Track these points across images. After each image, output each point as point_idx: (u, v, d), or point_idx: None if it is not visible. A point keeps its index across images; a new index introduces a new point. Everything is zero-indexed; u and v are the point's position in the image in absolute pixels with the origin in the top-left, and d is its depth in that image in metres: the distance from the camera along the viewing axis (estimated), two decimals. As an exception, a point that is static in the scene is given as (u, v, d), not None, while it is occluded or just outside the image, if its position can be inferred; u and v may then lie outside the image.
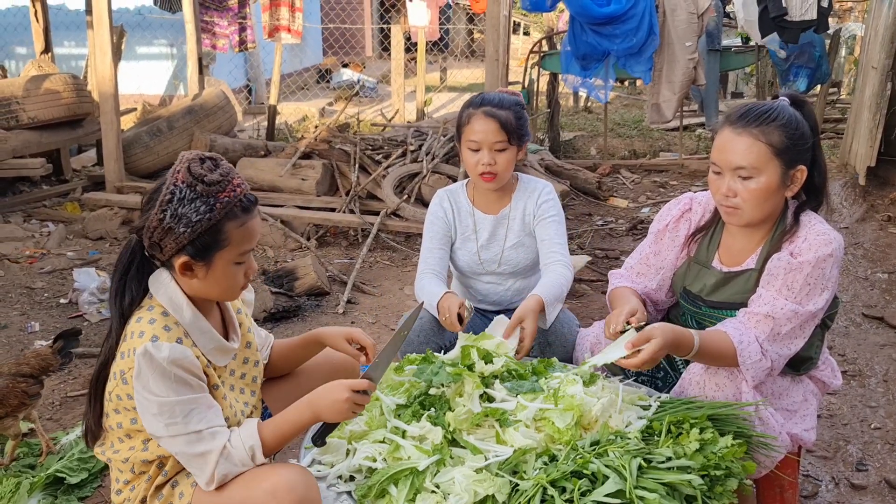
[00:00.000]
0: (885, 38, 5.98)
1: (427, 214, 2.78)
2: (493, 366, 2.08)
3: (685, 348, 1.97)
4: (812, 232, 2.04)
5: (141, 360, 1.66)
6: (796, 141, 2.00)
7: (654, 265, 2.36)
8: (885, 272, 4.84)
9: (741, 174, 2.02)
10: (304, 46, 12.84)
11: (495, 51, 5.30)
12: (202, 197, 1.68)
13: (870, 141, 6.00)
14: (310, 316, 4.26)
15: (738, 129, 2.02)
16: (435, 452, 1.82)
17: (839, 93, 10.73)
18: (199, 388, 1.72)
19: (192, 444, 1.68)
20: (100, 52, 5.90)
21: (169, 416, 1.67)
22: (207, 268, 1.74)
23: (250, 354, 1.99)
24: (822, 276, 2.01)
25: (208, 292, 1.79)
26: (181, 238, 1.69)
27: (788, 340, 2.03)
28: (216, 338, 1.81)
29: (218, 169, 1.72)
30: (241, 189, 1.74)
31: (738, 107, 2.10)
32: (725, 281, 2.19)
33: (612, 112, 10.67)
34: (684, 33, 6.01)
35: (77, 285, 4.39)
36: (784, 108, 2.04)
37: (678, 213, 2.33)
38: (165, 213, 1.68)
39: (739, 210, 2.06)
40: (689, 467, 1.75)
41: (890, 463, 2.83)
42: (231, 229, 1.72)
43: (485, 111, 2.56)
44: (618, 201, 6.58)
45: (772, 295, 2.02)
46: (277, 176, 5.86)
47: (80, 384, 3.41)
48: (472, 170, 2.61)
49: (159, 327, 1.71)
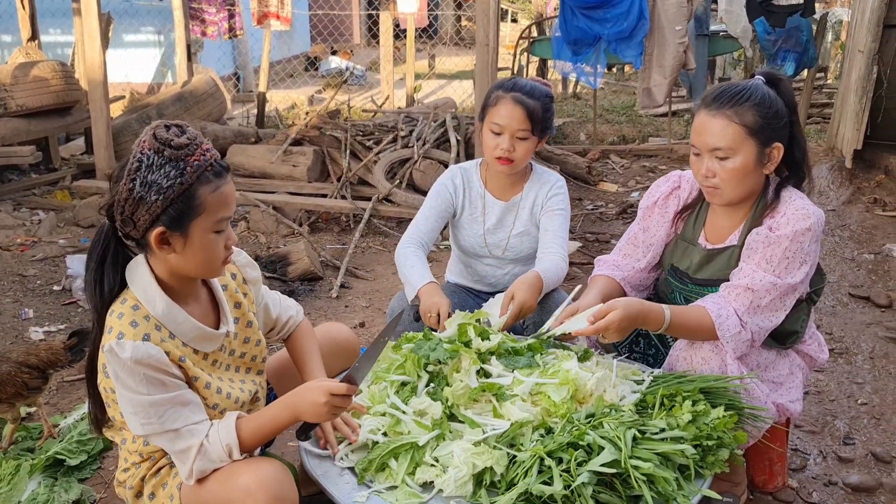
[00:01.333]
0: (872, 21, 6.03)
1: (435, 184, 2.77)
2: (489, 342, 2.11)
3: (654, 322, 2.04)
4: (791, 207, 2.08)
5: (108, 357, 1.66)
6: (770, 119, 2.04)
7: (643, 242, 2.40)
8: (871, 253, 4.92)
9: (718, 155, 2.06)
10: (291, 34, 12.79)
11: (485, 36, 5.30)
12: (171, 161, 1.62)
13: (856, 124, 6.06)
14: (304, 300, 4.28)
15: (712, 111, 2.06)
16: (434, 427, 1.85)
17: (826, 77, 10.80)
18: (172, 385, 1.69)
19: (172, 442, 1.70)
20: (88, 39, 5.86)
21: (144, 415, 1.66)
22: (185, 239, 1.67)
23: (251, 334, 1.96)
24: (800, 249, 2.05)
25: (188, 268, 1.73)
26: (153, 207, 1.63)
27: (769, 313, 2.08)
28: (196, 326, 1.77)
29: (185, 134, 1.66)
30: (210, 154, 1.68)
31: (714, 88, 2.14)
32: (710, 258, 2.24)
33: (601, 98, 10.70)
34: (674, 17, 6.04)
35: (70, 272, 4.39)
36: (758, 86, 2.07)
37: (667, 191, 2.37)
38: (135, 182, 1.62)
39: (719, 190, 2.11)
40: (682, 438, 1.80)
41: (876, 436, 2.90)
42: (205, 194, 1.66)
43: (514, 97, 2.54)
44: (607, 186, 6.63)
45: (751, 268, 2.07)
46: (269, 162, 5.87)
47: (76, 369, 3.42)
48: (490, 152, 2.60)
49: (126, 323, 1.67)
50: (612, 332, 1.98)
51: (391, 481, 1.77)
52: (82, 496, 2.53)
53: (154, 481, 1.82)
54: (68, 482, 2.59)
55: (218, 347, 1.86)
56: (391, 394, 2.00)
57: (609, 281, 2.42)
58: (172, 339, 1.73)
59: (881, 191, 6.02)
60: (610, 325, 1.97)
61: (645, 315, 2.02)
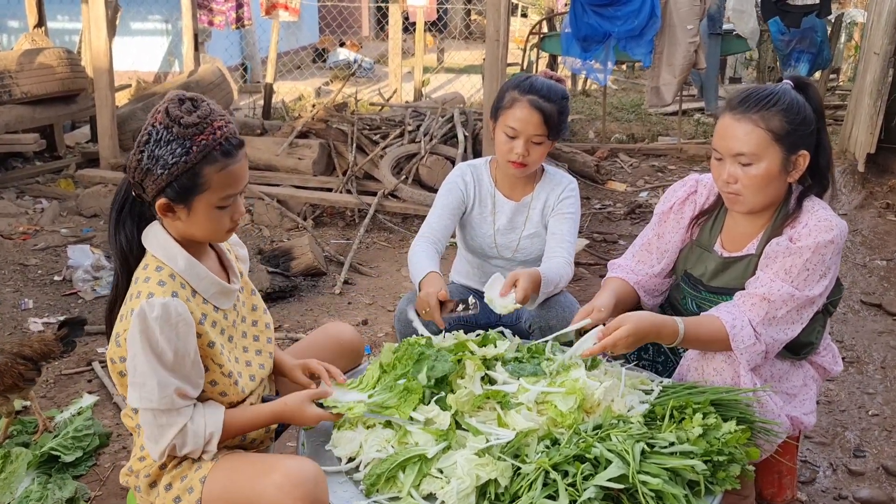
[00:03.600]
0: (889, 23, 5.94)
1: (445, 181, 2.70)
2: (494, 349, 2.05)
3: (668, 336, 1.98)
4: (814, 217, 2.02)
5: (135, 320, 1.65)
6: (797, 126, 1.97)
7: (658, 248, 2.34)
8: (884, 259, 4.84)
9: (741, 160, 2.00)
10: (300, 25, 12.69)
11: (496, 31, 5.23)
12: (178, 139, 1.65)
13: (870, 128, 5.97)
14: (306, 296, 4.23)
15: (737, 115, 1.99)
16: (442, 438, 1.80)
17: (838, 79, 10.69)
18: (191, 350, 1.69)
19: (158, 416, 1.69)
20: (94, 26, 5.81)
21: (149, 385, 1.66)
22: (188, 211, 1.71)
23: (256, 301, 2.02)
24: (821, 261, 1.98)
25: (193, 233, 1.77)
26: (159, 180, 1.67)
27: (785, 325, 2.01)
28: (216, 280, 1.81)
29: (197, 110, 1.67)
30: (221, 132, 1.68)
31: (740, 91, 2.06)
32: (725, 266, 2.18)
33: (611, 96, 10.61)
34: (686, 16, 5.95)
35: (71, 262, 4.35)
36: (786, 91, 2.01)
37: (683, 195, 2.30)
38: (143, 154, 1.67)
39: (741, 196, 2.04)
40: (693, 453, 1.74)
41: (887, 449, 2.84)
42: (210, 173, 1.68)
43: (531, 100, 2.45)
44: (616, 185, 6.55)
45: (769, 277, 2.01)
46: (274, 155, 5.81)
47: (74, 362, 3.38)
48: (504, 155, 2.53)
49: (154, 283, 1.70)
50: (621, 349, 1.93)
51: (395, 492, 1.72)
52: (76, 494, 2.48)
53: (175, 472, 1.79)
54: (62, 479, 2.55)
55: (232, 306, 1.88)
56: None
57: (623, 283, 2.35)
58: (195, 297, 1.76)
59: (894, 196, 5.94)
60: (618, 342, 1.91)
61: (658, 330, 1.96)
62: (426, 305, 2.27)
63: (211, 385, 1.81)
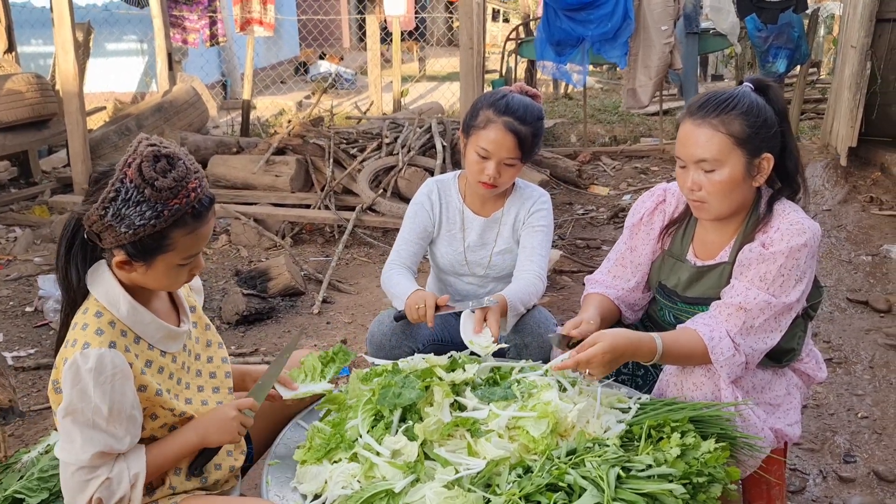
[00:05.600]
0: (864, 16, 5.92)
1: (411, 203, 2.64)
2: (463, 373, 1.98)
3: (645, 354, 1.91)
4: (785, 221, 1.96)
5: (67, 372, 1.57)
6: (759, 129, 1.92)
7: (632, 262, 2.27)
8: (869, 254, 4.79)
9: (704, 167, 1.94)
10: (280, 39, 12.65)
11: (469, 38, 5.17)
12: (149, 201, 1.55)
13: (850, 121, 5.95)
14: (284, 317, 4.15)
15: (697, 121, 1.94)
16: (409, 470, 1.72)
17: (819, 73, 10.68)
18: (125, 404, 1.60)
19: (76, 473, 1.60)
20: (62, 50, 5.72)
21: (66, 440, 1.59)
22: (147, 267, 1.64)
23: (211, 336, 1.94)
24: (796, 266, 1.93)
25: (147, 284, 1.69)
26: (121, 237, 1.58)
27: (763, 334, 1.96)
28: (161, 325, 1.72)
29: (172, 171, 1.57)
30: (195, 194, 1.60)
31: (699, 96, 2.01)
32: (699, 275, 2.12)
33: (593, 98, 10.57)
34: (660, 17, 5.91)
35: (42, 293, 4.25)
36: (745, 94, 1.96)
37: (652, 206, 2.24)
38: (107, 211, 1.56)
39: (706, 204, 1.99)
40: (671, 475, 1.66)
41: (878, 453, 2.77)
42: (178, 236, 1.61)
43: (506, 122, 2.36)
44: (599, 189, 6.50)
45: (744, 285, 1.95)
46: (251, 173, 5.72)
47: (43, 397, 3.29)
48: (474, 175, 2.45)
49: (91, 332, 1.61)
50: (597, 366, 1.85)
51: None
52: (41, 539, 2.38)
53: None
54: (27, 523, 2.45)
55: (181, 348, 1.80)
56: (363, 433, 1.86)
57: (604, 298, 2.28)
58: (137, 344, 1.68)
59: (877, 189, 5.90)
60: (592, 359, 1.84)
61: (636, 348, 1.89)
62: (420, 303, 2.25)
63: (162, 429, 1.74)
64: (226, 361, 1.95)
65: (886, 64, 6.17)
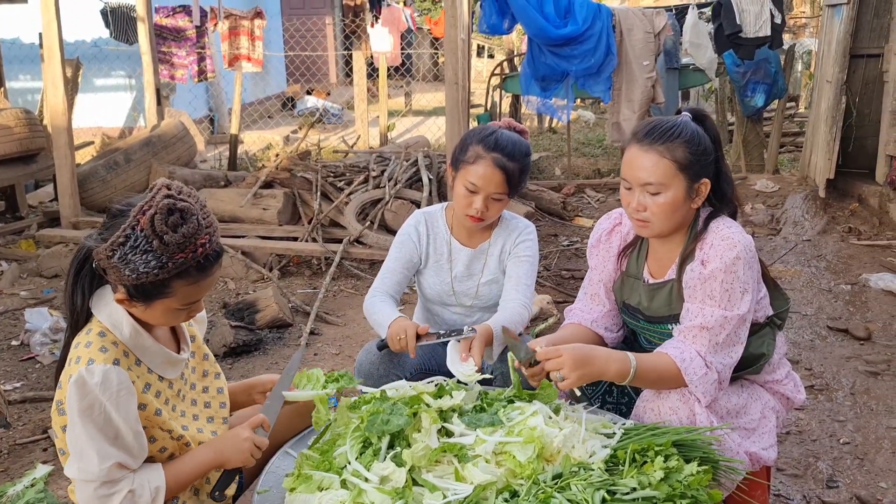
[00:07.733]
0: (838, 52, 6.09)
1: (399, 233, 2.68)
2: (451, 399, 2.01)
3: (617, 369, 1.97)
4: (718, 237, 2.07)
5: (73, 388, 1.60)
6: (699, 156, 2.05)
7: (602, 283, 2.36)
8: (848, 283, 4.87)
9: (649, 189, 2.06)
10: (267, 74, 12.76)
11: (454, 74, 5.27)
12: (155, 252, 1.59)
13: (828, 154, 6.09)
14: (272, 349, 4.16)
15: (644, 147, 2.06)
16: (398, 496, 1.74)
17: (797, 106, 10.91)
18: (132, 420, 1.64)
19: (98, 489, 1.62)
20: (52, 85, 5.78)
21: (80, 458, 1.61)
22: (146, 307, 1.69)
23: (209, 367, 1.96)
24: (735, 279, 2.02)
25: (144, 320, 1.74)
26: (124, 279, 1.63)
27: (728, 348, 2.05)
28: (162, 351, 1.76)
29: (183, 226, 1.59)
30: (202, 249, 1.63)
31: (645, 123, 2.12)
32: (653, 293, 2.22)
33: (577, 131, 10.73)
34: (641, 52, 6.05)
35: (29, 326, 4.24)
36: (686, 123, 2.08)
37: (609, 227, 2.35)
38: (115, 254, 1.60)
39: (649, 223, 2.10)
40: (655, 498, 1.70)
41: (860, 478, 2.81)
42: (179, 286, 1.66)
43: (495, 159, 2.42)
44: (583, 221, 6.58)
45: (697, 307, 2.05)
46: (238, 206, 5.76)
47: (29, 430, 3.28)
48: (462, 208, 2.50)
49: (95, 349, 1.65)
50: (568, 370, 1.91)
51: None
52: (26, 573, 2.37)
53: None
54: (12, 557, 2.43)
55: (179, 375, 1.83)
56: (352, 459, 1.88)
57: (577, 326, 2.36)
58: (138, 366, 1.71)
59: (855, 220, 6.02)
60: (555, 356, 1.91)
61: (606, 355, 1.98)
62: (402, 333, 2.28)
63: (160, 452, 1.76)
64: (221, 392, 1.97)
65: (861, 98, 6.33)
